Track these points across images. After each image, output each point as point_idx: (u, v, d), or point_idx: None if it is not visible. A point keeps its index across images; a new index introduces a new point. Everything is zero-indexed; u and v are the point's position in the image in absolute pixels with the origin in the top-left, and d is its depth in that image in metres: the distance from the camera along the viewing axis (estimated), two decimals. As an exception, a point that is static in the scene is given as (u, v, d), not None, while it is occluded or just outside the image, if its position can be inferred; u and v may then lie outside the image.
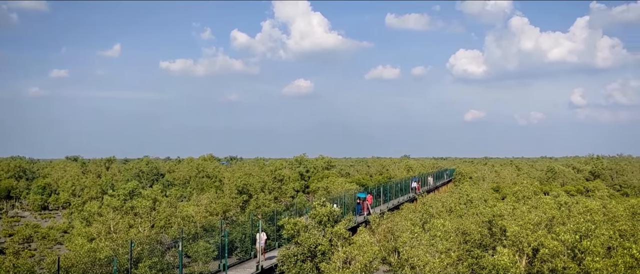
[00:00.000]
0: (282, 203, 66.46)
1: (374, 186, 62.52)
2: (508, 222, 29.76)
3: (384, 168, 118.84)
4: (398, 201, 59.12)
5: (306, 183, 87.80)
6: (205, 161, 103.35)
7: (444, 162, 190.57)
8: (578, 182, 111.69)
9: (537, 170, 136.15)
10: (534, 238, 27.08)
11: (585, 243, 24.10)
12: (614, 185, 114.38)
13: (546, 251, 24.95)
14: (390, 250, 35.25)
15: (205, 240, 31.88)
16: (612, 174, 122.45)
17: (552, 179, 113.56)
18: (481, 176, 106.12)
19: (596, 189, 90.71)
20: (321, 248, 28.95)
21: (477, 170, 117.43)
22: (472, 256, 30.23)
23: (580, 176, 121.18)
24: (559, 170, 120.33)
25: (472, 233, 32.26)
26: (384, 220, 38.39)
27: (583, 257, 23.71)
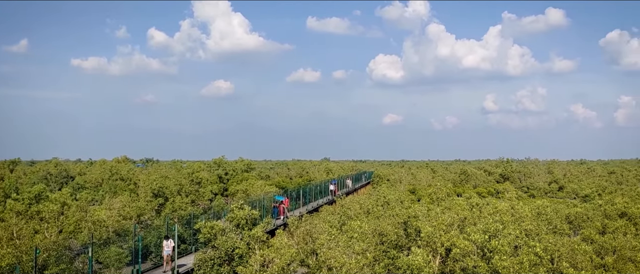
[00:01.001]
0: (200, 206, 65.29)
1: (294, 188, 62.56)
2: (422, 223, 30.59)
3: (304, 171, 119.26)
4: (317, 203, 59.41)
5: (225, 186, 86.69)
6: (119, 163, 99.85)
7: (363, 165, 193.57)
8: (489, 185, 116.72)
9: (451, 173, 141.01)
10: (447, 238, 27.98)
11: (494, 243, 25.14)
12: (522, 187, 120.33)
13: (458, 251, 25.82)
14: (308, 252, 35.29)
15: (118, 245, 30.80)
16: (520, 177, 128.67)
17: (465, 182, 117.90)
18: (398, 178, 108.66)
19: (505, 191, 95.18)
20: (239, 252, 28.63)
21: (395, 173, 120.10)
22: (389, 256, 30.84)
23: (491, 178, 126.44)
24: (472, 173, 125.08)
25: (388, 234, 32.89)
26: (302, 223, 38.45)
27: (492, 256, 24.71)
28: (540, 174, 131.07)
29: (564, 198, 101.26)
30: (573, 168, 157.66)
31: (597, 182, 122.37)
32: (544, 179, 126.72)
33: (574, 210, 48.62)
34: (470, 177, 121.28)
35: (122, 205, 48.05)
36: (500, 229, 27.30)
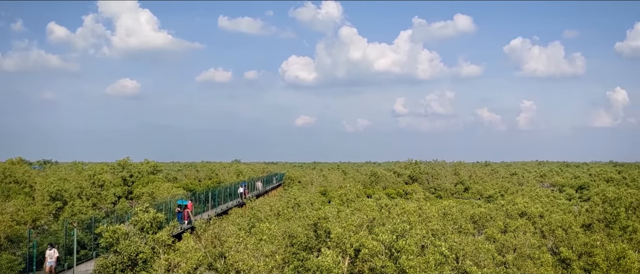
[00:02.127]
0: (102, 210, 62.37)
1: (203, 191, 61.09)
2: (332, 224, 30.47)
3: (213, 173, 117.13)
4: (227, 206, 58.33)
5: (129, 189, 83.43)
6: (13, 165, 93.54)
7: (274, 167, 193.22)
8: (398, 186, 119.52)
9: (362, 174, 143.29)
10: (356, 239, 27.96)
11: (401, 243, 25.33)
12: (430, 188, 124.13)
13: (366, 251, 25.83)
14: (216, 256, 34.32)
15: (10, 252, 28.64)
16: (428, 178, 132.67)
17: (375, 183, 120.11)
18: (310, 180, 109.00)
19: (414, 192, 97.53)
20: (143, 256, 27.29)
21: (306, 174, 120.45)
22: (298, 258, 30.47)
23: (401, 179, 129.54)
24: (382, 174, 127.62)
25: (298, 236, 32.53)
26: (211, 226, 37.41)
27: (399, 255, 24.88)
28: (447, 176, 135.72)
29: (470, 199, 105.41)
30: (478, 170, 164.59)
31: (500, 183, 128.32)
32: (451, 181, 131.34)
33: (478, 210, 50.28)
34: (380, 178, 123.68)
35: (15, 209, 44.93)
36: (408, 229, 27.60)
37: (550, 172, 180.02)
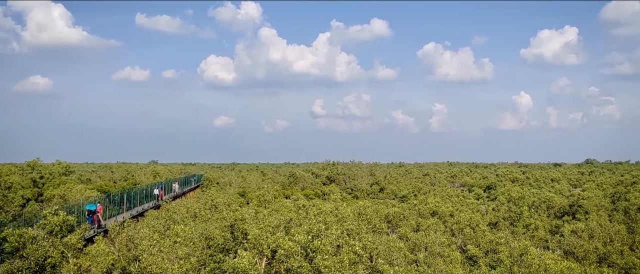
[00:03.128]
0: (9, 213, 59.23)
1: (118, 192, 59.34)
2: (250, 225, 30.60)
3: (129, 174, 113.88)
4: (143, 208, 56.90)
5: (40, 191, 79.78)
6: None
7: (192, 168, 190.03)
8: (316, 187, 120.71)
9: (280, 175, 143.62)
10: (273, 240, 28.23)
11: (316, 243, 25.86)
12: (347, 188, 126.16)
13: (283, 252, 26.15)
14: (130, 259, 33.60)
15: None
16: (345, 179, 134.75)
17: (293, 184, 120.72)
18: (228, 181, 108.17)
19: (331, 192, 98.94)
20: (51, 261, 26.33)
21: (225, 175, 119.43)
22: (215, 260, 30.37)
23: (318, 180, 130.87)
24: (300, 175, 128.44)
25: (215, 238, 32.41)
26: (125, 228, 36.54)
27: (314, 256, 25.38)
28: (363, 176, 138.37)
29: (384, 199, 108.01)
30: (393, 170, 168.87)
31: (414, 183, 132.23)
32: (367, 181, 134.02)
33: (392, 210, 51.73)
34: (299, 179, 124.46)
35: None
36: (324, 229, 28.17)
37: (460, 172, 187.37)
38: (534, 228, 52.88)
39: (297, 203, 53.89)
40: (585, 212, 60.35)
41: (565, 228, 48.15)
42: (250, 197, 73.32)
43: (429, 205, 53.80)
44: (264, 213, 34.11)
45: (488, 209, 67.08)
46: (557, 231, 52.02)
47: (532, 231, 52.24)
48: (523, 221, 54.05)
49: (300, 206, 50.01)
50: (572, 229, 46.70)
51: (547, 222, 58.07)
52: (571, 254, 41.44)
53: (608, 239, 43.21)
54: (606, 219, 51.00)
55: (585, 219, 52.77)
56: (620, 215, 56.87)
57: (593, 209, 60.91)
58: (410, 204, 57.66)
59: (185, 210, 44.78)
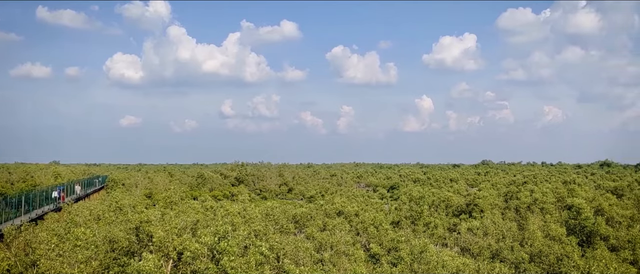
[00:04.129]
0: None
1: (15, 195, 56.43)
2: (155, 228, 30.25)
3: (28, 175, 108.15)
4: (42, 210, 54.56)
5: None
6: None
7: (97, 169, 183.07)
8: (225, 188, 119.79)
9: (188, 176, 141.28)
10: (179, 242, 28.14)
11: (223, 244, 26.09)
12: (256, 189, 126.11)
13: (189, 254, 26.18)
14: (28, 264, 32.31)
15: None
16: (254, 180, 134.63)
17: (201, 185, 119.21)
18: (134, 182, 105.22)
19: (240, 193, 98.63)
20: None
21: (131, 176, 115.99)
22: (119, 263, 29.85)
23: (227, 181, 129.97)
24: (209, 176, 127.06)
25: (120, 240, 31.83)
26: (22, 232, 35.04)
27: (221, 257, 25.61)
28: (272, 177, 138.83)
29: (293, 199, 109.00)
30: (301, 171, 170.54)
31: (321, 184, 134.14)
32: (276, 182, 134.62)
33: (299, 210, 52.55)
34: (207, 180, 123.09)
35: None
36: (231, 230, 28.43)
37: (366, 173, 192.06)
38: (433, 226, 55.29)
39: (205, 204, 53.65)
40: (481, 210, 63.77)
41: (462, 226, 50.77)
42: (157, 198, 71.85)
43: (336, 205, 55.03)
44: (171, 215, 33.76)
45: (391, 209, 69.49)
46: (455, 228, 54.75)
47: (432, 229, 54.62)
48: (423, 219, 56.42)
49: (208, 208, 49.85)
50: (468, 227, 49.35)
51: (445, 220, 60.85)
52: (467, 250, 43.85)
53: (500, 236, 46.04)
54: (499, 217, 54.24)
55: (481, 217, 55.81)
56: (512, 213, 60.61)
57: (487, 207, 64.47)
58: (318, 205, 58.72)
59: (88, 212, 43.42)
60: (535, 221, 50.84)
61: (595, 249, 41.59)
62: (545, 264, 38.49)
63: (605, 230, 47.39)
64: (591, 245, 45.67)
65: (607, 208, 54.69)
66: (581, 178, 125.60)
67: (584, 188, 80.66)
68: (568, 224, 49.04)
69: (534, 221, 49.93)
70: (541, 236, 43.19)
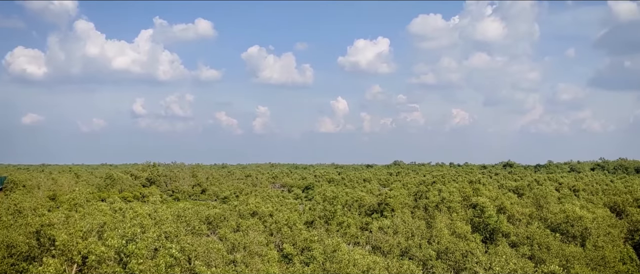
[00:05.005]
0: None
1: None
2: (58, 231, 28.91)
3: None
4: None
5: None
6: None
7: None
8: (135, 189, 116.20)
9: (96, 177, 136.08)
10: (84, 245, 27.05)
11: (131, 247, 25.30)
12: (168, 190, 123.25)
13: (94, 258, 25.20)
14: None
15: None
16: (166, 181, 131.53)
17: (111, 186, 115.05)
18: (36, 184, 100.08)
19: (151, 194, 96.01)
20: None
21: (33, 177, 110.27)
22: (17, 269, 28.31)
23: (138, 182, 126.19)
24: (118, 177, 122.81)
25: (18, 245, 30.19)
26: None
27: (129, 260, 24.82)
28: (185, 178, 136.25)
29: (206, 200, 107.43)
30: (215, 172, 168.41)
31: (236, 184, 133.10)
32: (189, 183, 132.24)
33: (213, 211, 51.85)
34: (117, 181, 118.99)
35: None
36: (139, 233, 27.63)
37: (281, 173, 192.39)
38: (346, 225, 56.21)
39: (113, 206, 51.86)
40: (392, 209, 65.43)
41: (374, 225, 51.86)
42: (61, 200, 68.61)
43: (250, 206, 54.74)
44: (76, 217, 32.37)
45: (305, 209, 69.97)
46: (367, 227, 55.88)
47: (345, 228, 55.52)
48: (337, 219, 57.24)
49: (116, 209, 48.24)
50: (379, 226, 50.47)
51: (358, 219, 62.04)
52: (378, 249, 44.81)
53: (410, 234, 47.42)
54: (409, 215, 55.85)
55: (391, 216, 57.21)
56: (421, 212, 62.61)
57: (398, 206, 66.25)
58: (231, 205, 58.20)
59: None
60: (443, 219, 52.72)
61: (497, 246, 43.79)
62: (451, 261, 40.03)
63: (506, 227, 49.94)
64: (494, 242, 47.97)
65: (508, 206, 57.72)
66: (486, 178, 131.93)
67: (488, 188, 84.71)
68: (473, 222, 51.25)
69: (442, 219, 51.76)
70: (448, 234, 44.88)
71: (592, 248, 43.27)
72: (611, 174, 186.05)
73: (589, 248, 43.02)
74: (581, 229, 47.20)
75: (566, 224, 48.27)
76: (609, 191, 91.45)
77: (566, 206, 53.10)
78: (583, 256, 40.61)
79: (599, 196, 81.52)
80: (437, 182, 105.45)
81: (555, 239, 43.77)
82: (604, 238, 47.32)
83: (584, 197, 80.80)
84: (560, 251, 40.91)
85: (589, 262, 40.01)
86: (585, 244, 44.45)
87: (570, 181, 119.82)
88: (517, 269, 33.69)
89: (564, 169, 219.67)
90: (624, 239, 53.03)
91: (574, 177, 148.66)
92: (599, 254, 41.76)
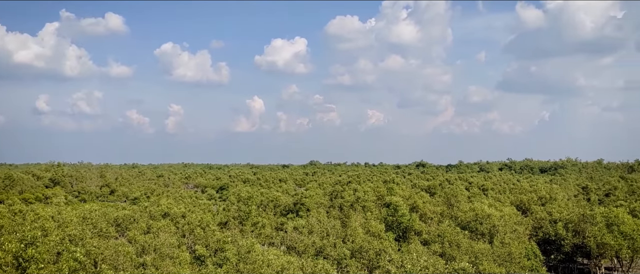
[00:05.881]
0: None
1: None
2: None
3: None
4: None
5: None
6: None
7: None
8: (37, 190, 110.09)
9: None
10: (-23, 251, 25.07)
11: (31, 251, 23.68)
12: (73, 191, 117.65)
13: (-13, 264, 23.41)
14: None
15: None
16: (72, 181, 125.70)
17: (10, 187, 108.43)
18: None
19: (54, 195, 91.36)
20: None
21: None
22: None
23: (40, 183, 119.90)
24: (18, 177, 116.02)
25: None
26: None
27: (28, 265, 23.22)
28: (92, 178, 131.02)
29: (115, 201, 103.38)
30: (125, 172, 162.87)
31: (147, 185, 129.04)
32: (96, 183, 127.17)
33: (122, 213, 50.00)
34: (17, 182, 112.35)
35: None
36: (40, 236, 25.93)
37: (195, 174, 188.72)
38: (261, 225, 55.79)
39: (13, 208, 48.89)
40: (307, 209, 65.58)
41: (289, 225, 51.76)
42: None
43: (161, 207, 53.44)
44: (-32, 221, 30.06)
45: (219, 209, 68.80)
46: (282, 227, 55.66)
47: (260, 229, 55.10)
48: (252, 219, 56.67)
49: (15, 212, 45.47)
50: (294, 226, 50.38)
51: (273, 220, 61.71)
52: (293, 249, 44.65)
53: (325, 233, 47.60)
54: (324, 215, 56.11)
55: (307, 216, 57.30)
56: (336, 211, 63.12)
57: (314, 206, 66.50)
58: (142, 207, 56.50)
59: None
60: (358, 218, 53.36)
61: (409, 244, 44.77)
62: (365, 260, 40.47)
63: (419, 226, 51.21)
64: (407, 240, 49.02)
65: (421, 205, 59.24)
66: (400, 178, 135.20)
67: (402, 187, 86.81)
68: (387, 221, 52.15)
69: (356, 219, 52.38)
70: (362, 233, 45.39)
71: (500, 244, 45.07)
72: (518, 174, 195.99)
73: (496, 245, 44.76)
74: (489, 226, 49.15)
75: (475, 222, 50.08)
76: (515, 190, 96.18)
77: (475, 204, 55.16)
78: (491, 253, 42.19)
79: (506, 195, 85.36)
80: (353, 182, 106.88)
81: (465, 236, 45.32)
82: (510, 235, 49.52)
83: (493, 196, 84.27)
84: (469, 248, 42.30)
85: (496, 258, 41.59)
86: (493, 241, 46.25)
87: (479, 181, 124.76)
88: (428, 267, 34.45)
89: (474, 169, 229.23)
90: (528, 235, 55.73)
91: (483, 177, 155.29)
92: (506, 251, 43.53)
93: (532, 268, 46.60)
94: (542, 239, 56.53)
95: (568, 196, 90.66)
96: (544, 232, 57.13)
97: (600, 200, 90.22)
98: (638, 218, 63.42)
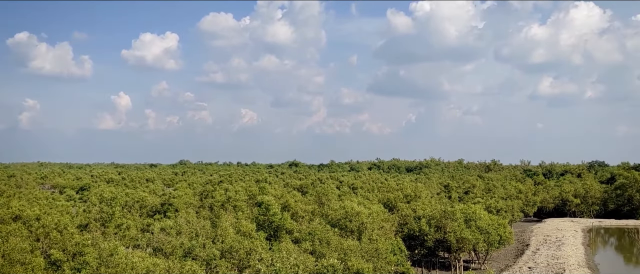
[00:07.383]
0: None
1: None
2: None
3: None
4: None
5: None
6: None
7: None
8: None
9: None
10: None
11: None
12: None
13: None
14: None
15: None
16: None
17: None
18: None
19: None
20: None
21: None
22: None
23: None
24: None
25: None
26: None
27: None
28: None
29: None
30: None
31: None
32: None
33: (-36, 216, 45.19)
34: None
35: None
36: None
37: (52, 173, 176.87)
38: (125, 227, 53.24)
39: None
40: (176, 210, 63.51)
41: (156, 226, 49.67)
42: None
43: (12, 209, 49.51)
44: None
45: (79, 211, 64.61)
46: (148, 229, 53.30)
47: (124, 231, 52.54)
48: (115, 221, 53.95)
49: None
50: (161, 227, 48.42)
51: (139, 221, 59.12)
52: (160, 250, 42.78)
53: (194, 234, 46.11)
54: (194, 215, 54.45)
55: (175, 217, 55.40)
56: (207, 211, 61.65)
57: (183, 206, 64.55)
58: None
59: None
60: (228, 218, 52.39)
61: (281, 242, 44.59)
62: (236, 259, 39.71)
63: (290, 224, 51.23)
64: (278, 239, 48.79)
65: (293, 204, 59.40)
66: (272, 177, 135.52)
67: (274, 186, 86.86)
68: (258, 220, 51.62)
69: (227, 219, 51.40)
70: (233, 233, 44.55)
71: (368, 241, 46.25)
72: (386, 173, 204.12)
73: (364, 241, 45.87)
74: (358, 224, 50.35)
75: (345, 219, 51.06)
76: (383, 188, 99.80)
77: (345, 202, 56.25)
78: (359, 249, 43.11)
79: (374, 193, 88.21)
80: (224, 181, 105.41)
81: (335, 234, 46.01)
82: (378, 231, 51.09)
83: (362, 194, 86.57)
84: (339, 245, 42.95)
85: (364, 254, 42.53)
86: (362, 238, 47.37)
87: (349, 180, 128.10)
88: (299, 264, 34.45)
89: (345, 168, 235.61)
90: (394, 232, 57.77)
91: (353, 176, 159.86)
92: (373, 247, 44.71)
93: (398, 263, 48.30)
94: (407, 235, 58.86)
95: (431, 194, 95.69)
96: (408, 228, 59.55)
97: (460, 197, 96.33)
98: (493, 214, 68.36)
